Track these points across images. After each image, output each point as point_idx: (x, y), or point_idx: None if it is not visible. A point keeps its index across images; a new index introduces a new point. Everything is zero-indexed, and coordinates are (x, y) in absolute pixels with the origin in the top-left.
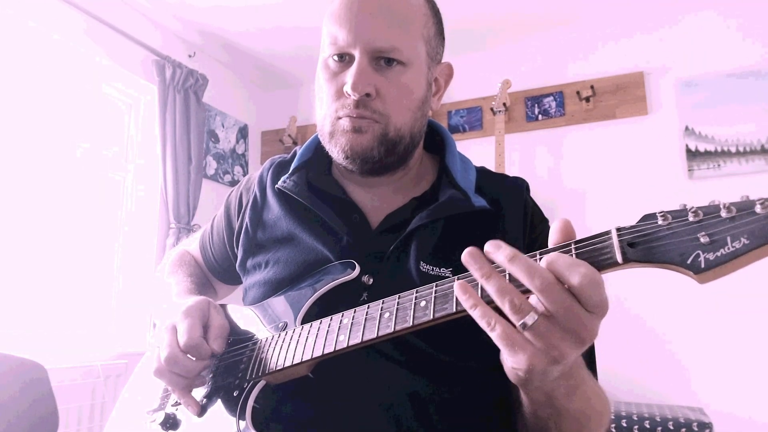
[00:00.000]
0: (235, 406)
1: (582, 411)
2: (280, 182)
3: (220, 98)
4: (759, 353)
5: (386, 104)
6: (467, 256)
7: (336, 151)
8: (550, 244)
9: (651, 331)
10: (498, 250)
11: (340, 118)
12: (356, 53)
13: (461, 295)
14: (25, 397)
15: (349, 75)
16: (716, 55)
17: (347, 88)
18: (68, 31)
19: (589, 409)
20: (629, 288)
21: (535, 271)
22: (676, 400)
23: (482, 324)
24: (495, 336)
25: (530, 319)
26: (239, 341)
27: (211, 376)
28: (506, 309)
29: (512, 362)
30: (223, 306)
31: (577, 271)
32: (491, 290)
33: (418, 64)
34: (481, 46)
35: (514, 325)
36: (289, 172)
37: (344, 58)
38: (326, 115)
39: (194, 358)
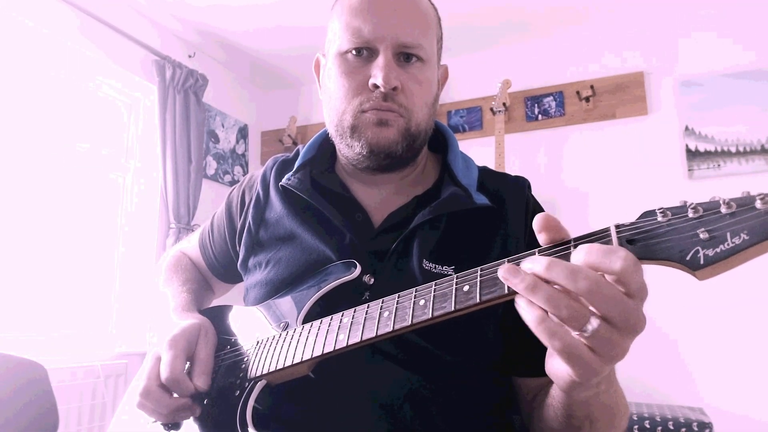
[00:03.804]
0: (235, 406)
1: (615, 404)
2: (284, 180)
3: (220, 98)
4: (759, 352)
5: (409, 99)
6: (505, 273)
7: (359, 146)
8: (542, 244)
9: (651, 330)
10: (534, 263)
11: (365, 111)
12: (381, 47)
13: (525, 307)
14: (25, 397)
15: (378, 68)
16: (716, 55)
17: (378, 81)
18: (66, 31)
19: (620, 401)
20: None
21: (579, 273)
22: (675, 399)
23: (543, 338)
24: (557, 349)
25: (591, 326)
26: (240, 341)
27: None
28: (563, 316)
29: (572, 372)
30: (226, 306)
31: (617, 257)
32: (541, 300)
33: (433, 62)
34: (481, 46)
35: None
36: (293, 169)
37: (362, 53)
38: (345, 110)
39: (176, 394)
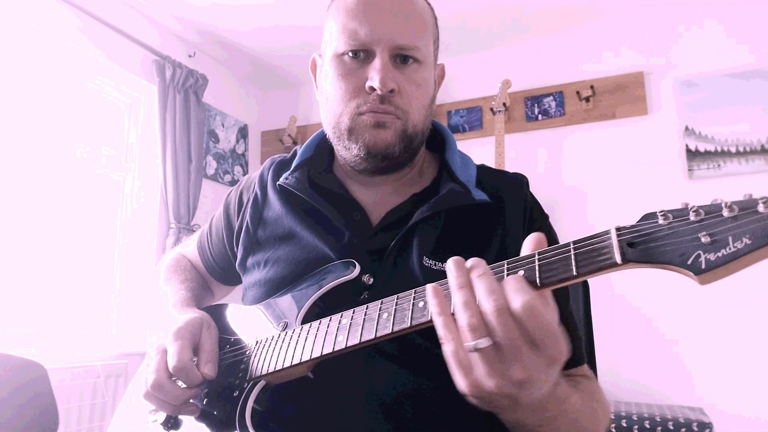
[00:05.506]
0: (235, 407)
1: None
2: (282, 179)
3: (220, 98)
4: (759, 352)
5: (405, 101)
6: (451, 262)
7: (356, 148)
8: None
9: (652, 330)
10: (477, 266)
11: (362, 114)
12: (378, 49)
13: (432, 299)
14: (25, 396)
15: (375, 71)
16: (716, 55)
17: (375, 84)
18: (67, 31)
19: None
20: (630, 286)
21: (493, 293)
22: (675, 399)
23: (440, 334)
24: (447, 351)
25: (482, 342)
26: (240, 341)
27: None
28: (463, 323)
29: (460, 382)
30: (225, 306)
31: (519, 296)
32: (457, 301)
33: (430, 62)
34: (481, 46)
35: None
36: (291, 169)
37: (359, 55)
38: (342, 112)
39: (184, 384)
